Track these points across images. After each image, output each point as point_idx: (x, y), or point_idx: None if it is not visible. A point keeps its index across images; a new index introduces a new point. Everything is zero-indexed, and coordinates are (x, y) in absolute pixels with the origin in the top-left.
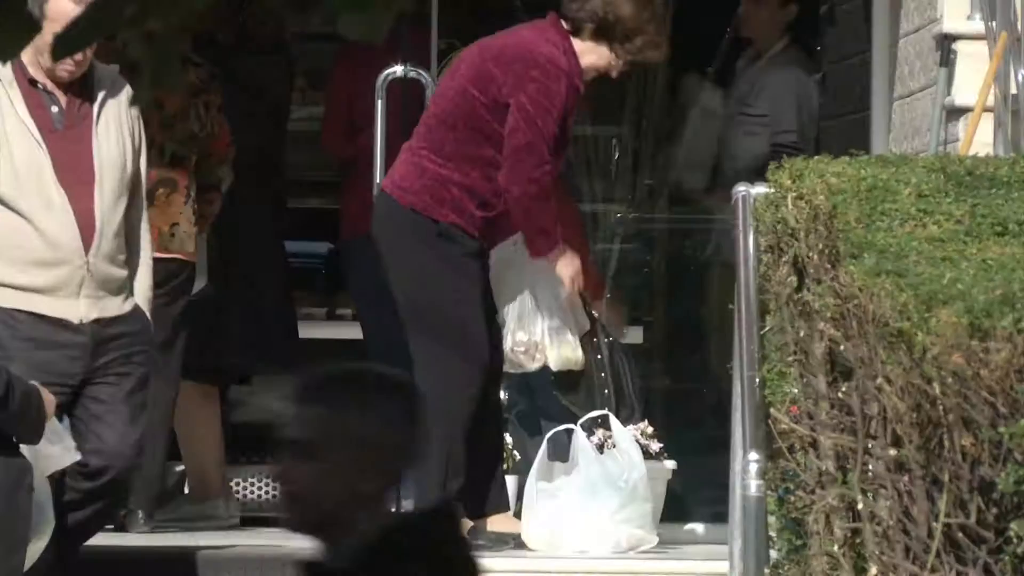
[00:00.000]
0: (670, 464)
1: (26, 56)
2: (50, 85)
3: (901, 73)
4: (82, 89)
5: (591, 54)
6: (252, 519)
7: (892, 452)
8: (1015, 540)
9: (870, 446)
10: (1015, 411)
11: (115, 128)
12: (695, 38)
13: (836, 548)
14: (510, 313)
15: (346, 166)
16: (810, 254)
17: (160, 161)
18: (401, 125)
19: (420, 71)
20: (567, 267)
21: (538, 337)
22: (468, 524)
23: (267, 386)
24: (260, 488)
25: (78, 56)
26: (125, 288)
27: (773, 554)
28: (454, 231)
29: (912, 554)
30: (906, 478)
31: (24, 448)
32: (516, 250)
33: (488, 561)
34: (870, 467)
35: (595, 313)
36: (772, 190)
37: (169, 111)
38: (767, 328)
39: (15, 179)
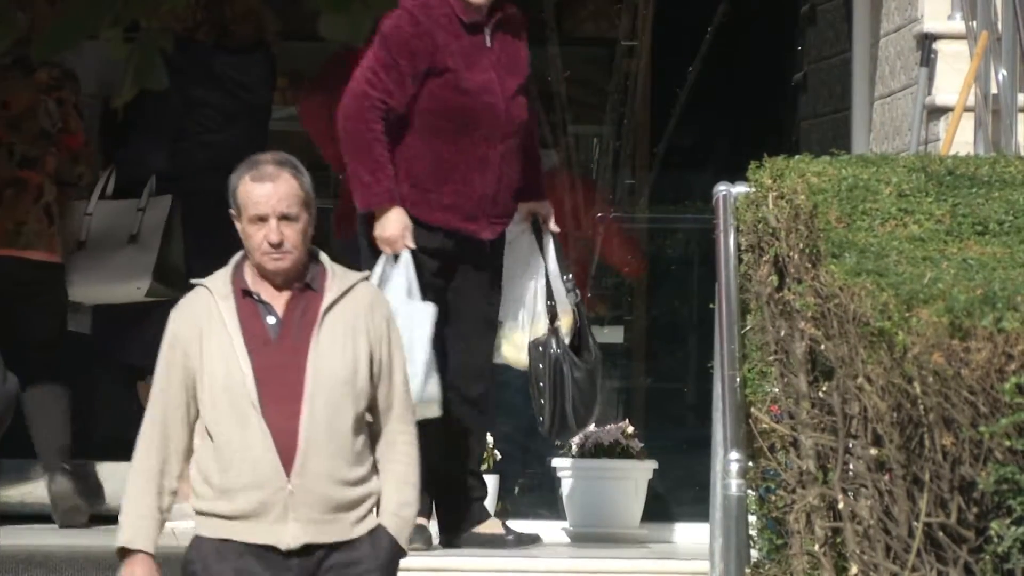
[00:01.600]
0: (651, 463)
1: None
2: (266, 294)
3: (882, 73)
4: (306, 294)
5: None
6: None
7: (873, 451)
8: (995, 539)
9: (851, 445)
10: (995, 410)
11: (342, 334)
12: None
13: (817, 547)
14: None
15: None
16: (791, 253)
17: (9, 162)
18: None
19: None
20: (383, 228)
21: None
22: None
23: None
24: None
25: (282, 242)
26: (359, 508)
27: (754, 553)
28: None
29: (893, 553)
30: (887, 477)
31: None
32: (511, 237)
33: (472, 561)
34: (851, 466)
35: (559, 325)
36: (753, 189)
37: (14, 111)
38: (748, 327)
39: (212, 400)
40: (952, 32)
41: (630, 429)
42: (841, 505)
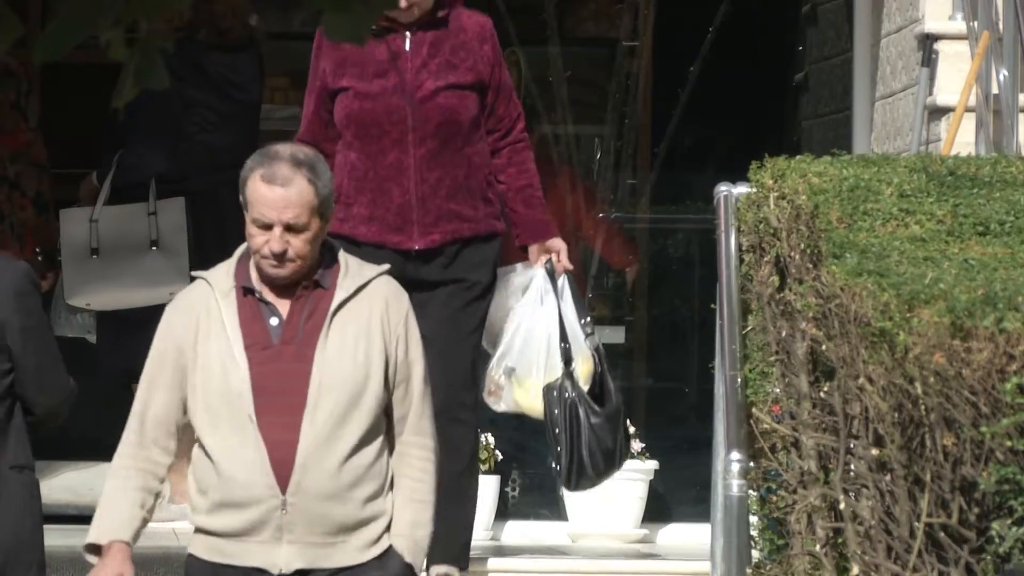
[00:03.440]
0: (652, 464)
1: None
2: (269, 293)
3: (883, 73)
4: (315, 293)
5: None
6: None
7: (874, 452)
8: (996, 540)
9: (852, 446)
10: (996, 411)
11: (353, 336)
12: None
13: (818, 548)
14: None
15: None
16: (792, 254)
17: None
18: None
19: None
20: None
21: (498, 376)
22: None
23: None
24: None
25: (285, 251)
26: (368, 528)
27: (755, 554)
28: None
29: (894, 554)
30: (888, 478)
31: None
32: (507, 277)
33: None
34: (852, 467)
35: (575, 368)
36: (754, 190)
37: None
38: (749, 328)
39: (206, 406)
40: (953, 32)
41: (631, 429)
42: (842, 505)
